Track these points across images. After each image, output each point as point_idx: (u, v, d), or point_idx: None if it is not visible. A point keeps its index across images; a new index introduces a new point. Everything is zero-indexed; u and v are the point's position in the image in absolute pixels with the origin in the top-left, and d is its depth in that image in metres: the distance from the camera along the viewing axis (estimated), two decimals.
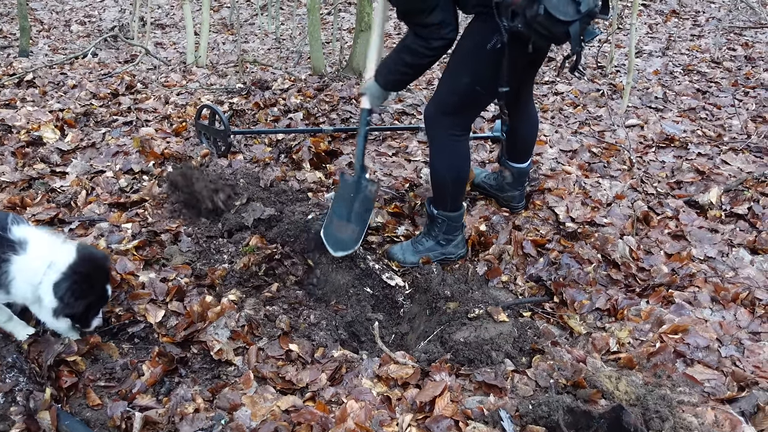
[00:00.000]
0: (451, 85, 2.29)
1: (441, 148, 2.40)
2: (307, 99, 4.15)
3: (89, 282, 1.81)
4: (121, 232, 2.57)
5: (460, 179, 2.47)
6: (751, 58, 5.35)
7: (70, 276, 1.76)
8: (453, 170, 2.43)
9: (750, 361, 1.93)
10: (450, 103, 2.30)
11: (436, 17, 2.10)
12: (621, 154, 3.46)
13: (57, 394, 1.78)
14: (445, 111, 2.32)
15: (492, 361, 2.03)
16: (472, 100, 2.32)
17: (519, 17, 1.96)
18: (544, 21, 1.92)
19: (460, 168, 2.44)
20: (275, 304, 2.29)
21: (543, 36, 1.98)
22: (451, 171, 2.43)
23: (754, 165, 3.30)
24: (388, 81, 2.39)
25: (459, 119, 2.35)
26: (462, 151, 2.42)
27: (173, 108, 4.02)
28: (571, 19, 1.91)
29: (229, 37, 7.32)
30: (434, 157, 2.45)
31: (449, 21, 2.15)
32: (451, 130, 2.35)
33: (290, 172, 3.25)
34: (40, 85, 4.44)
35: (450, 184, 2.46)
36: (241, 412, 1.75)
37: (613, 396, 1.73)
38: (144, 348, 2.04)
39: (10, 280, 1.75)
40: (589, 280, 2.43)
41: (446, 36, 2.17)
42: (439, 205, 2.52)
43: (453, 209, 2.52)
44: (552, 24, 1.92)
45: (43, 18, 8.12)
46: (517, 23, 1.96)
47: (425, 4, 2.08)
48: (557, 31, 1.94)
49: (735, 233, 2.68)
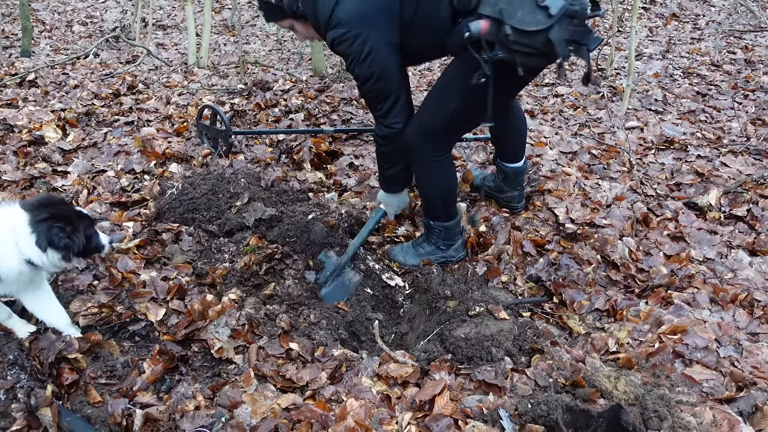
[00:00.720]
0: (434, 110, 2.25)
1: (425, 169, 2.39)
2: (308, 100, 4.16)
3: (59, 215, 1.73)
4: (123, 231, 2.58)
5: (448, 193, 2.47)
6: (751, 62, 5.36)
7: (39, 223, 1.68)
8: (439, 186, 2.43)
9: (748, 361, 1.94)
10: (431, 127, 2.25)
11: (386, 104, 2.19)
12: (621, 155, 3.48)
13: (58, 391, 1.79)
14: (426, 134, 2.26)
15: (492, 357, 2.04)
16: (453, 126, 2.30)
17: (497, 45, 1.90)
18: (518, 39, 1.85)
19: (446, 183, 2.44)
20: (275, 303, 2.30)
21: (528, 54, 1.90)
22: (438, 187, 2.43)
23: (754, 167, 3.31)
24: (383, 182, 2.53)
25: (440, 143, 2.31)
26: (445, 169, 2.40)
27: (175, 108, 4.03)
28: (545, 26, 1.83)
29: (231, 38, 7.34)
30: (419, 176, 2.44)
31: (397, 113, 2.20)
32: (433, 152, 2.32)
33: (291, 173, 3.26)
34: (42, 85, 4.46)
35: (440, 199, 2.47)
36: (241, 410, 1.76)
37: (611, 395, 1.73)
38: (145, 346, 2.04)
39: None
40: (588, 280, 2.44)
41: (391, 125, 2.22)
42: (434, 217, 2.53)
43: (447, 219, 2.53)
44: (527, 38, 1.85)
45: (45, 18, 8.14)
46: (497, 51, 1.91)
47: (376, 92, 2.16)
48: (537, 43, 1.86)
49: (734, 235, 2.68)
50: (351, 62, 2.10)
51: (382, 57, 2.08)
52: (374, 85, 2.13)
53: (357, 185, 3.15)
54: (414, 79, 5.19)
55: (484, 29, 1.89)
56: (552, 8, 1.82)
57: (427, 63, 5.83)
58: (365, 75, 2.11)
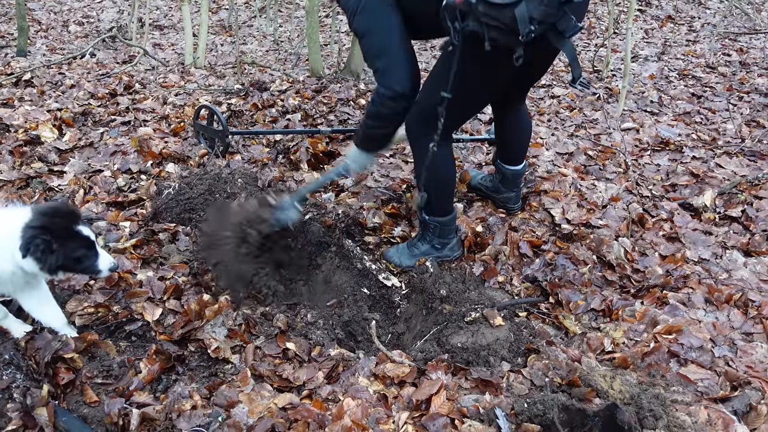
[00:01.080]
0: (428, 94, 2.27)
1: (422, 156, 2.37)
2: (305, 100, 4.16)
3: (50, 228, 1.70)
4: (119, 231, 2.57)
5: (445, 185, 2.47)
6: (746, 64, 5.40)
7: (29, 229, 1.67)
8: (435, 176, 2.42)
9: (743, 361, 1.95)
10: (426, 111, 2.26)
11: (381, 63, 2.17)
12: (616, 157, 3.49)
13: (54, 391, 1.79)
14: (423, 118, 2.29)
15: (490, 365, 2.05)
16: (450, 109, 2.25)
17: (470, 16, 1.88)
18: (487, 11, 1.82)
19: (444, 174, 2.44)
20: (272, 303, 2.29)
21: (496, 28, 1.85)
22: (434, 177, 2.42)
23: (748, 168, 3.33)
24: (362, 139, 2.42)
25: (437, 125, 2.27)
26: (442, 159, 2.39)
27: (171, 108, 4.03)
28: (511, 0, 1.77)
29: (228, 38, 7.33)
30: (417, 164, 2.44)
31: (396, 74, 2.17)
32: (429, 138, 2.29)
33: (288, 173, 3.26)
34: (38, 84, 4.44)
35: (434, 190, 2.46)
36: (238, 409, 1.76)
37: (607, 395, 1.74)
38: (141, 346, 2.04)
39: None
40: (584, 281, 2.45)
41: (391, 87, 2.17)
42: (429, 211, 2.53)
43: (443, 214, 2.53)
44: (496, 11, 1.80)
45: (41, 18, 8.12)
46: (468, 22, 1.89)
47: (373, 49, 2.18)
48: (506, 18, 1.80)
49: (729, 236, 2.70)
50: (349, 16, 2.21)
51: (376, 12, 2.17)
52: (370, 39, 2.19)
53: (354, 185, 3.16)
54: None
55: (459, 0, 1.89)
56: None
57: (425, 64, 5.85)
58: (360, 29, 2.20)
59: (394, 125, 2.34)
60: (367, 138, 2.42)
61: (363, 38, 2.21)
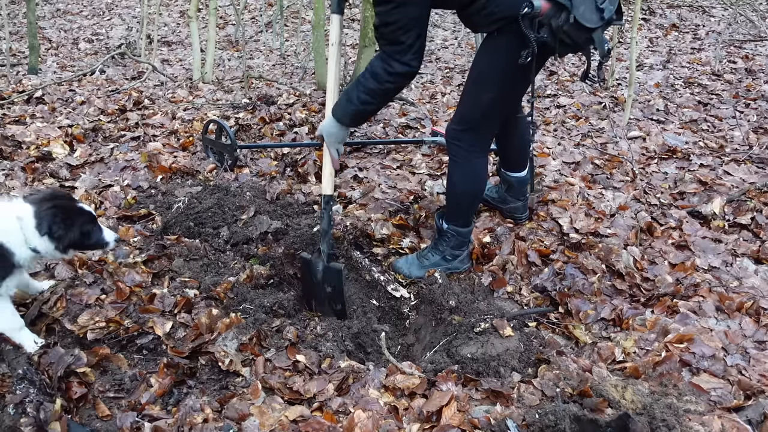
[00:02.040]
0: (474, 101, 2.30)
1: (461, 165, 2.42)
2: (312, 113, 4.20)
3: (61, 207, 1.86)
4: (130, 246, 2.60)
5: (475, 196, 2.53)
6: (752, 71, 5.39)
7: (41, 212, 1.82)
8: (470, 186, 2.47)
9: (756, 369, 1.93)
10: (473, 118, 2.32)
11: (408, 38, 2.05)
12: (624, 165, 3.49)
13: (67, 405, 1.80)
14: (467, 127, 2.34)
15: (500, 375, 2.04)
16: (493, 115, 2.35)
17: (545, 27, 2.01)
18: (570, 30, 1.98)
19: (477, 185, 2.49)
20: (282, 315, 2.30)
21: (566, 45, 2.04)
22: (468, 187, 2.47)
23: (757, 175, 3.32)
24: (346, 113, 2.24)
25: (479, 135, 2.37)
26: (480, 169, 2.45)
27: (180, 123, 4.08)
28: (596, 26, 1.99)
29: (235, 53, 7.42)
30: (453, 172, 2.47)
31: (417, 49, 2.10)
32: (472, 147, 2.37)
33: (296, 186, 3.29)
34: (49, 101, 4.51)
35: (466, 201, 2.51)
36: (249, 422, 1.76)
37: (619, 405, 1.73)
38: (152, 359, 2.05)
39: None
40: (593, 290, 2.44)
41: (409, 63, 2.09)
42: (452, 220, 2.56)
43: (464, 225, 2.56)
44: (577, 32, 1.99)
45: (52, 36, 8.25)
46: (543, 33, 2.01)
47: (405, 21, 2.04)
48: (580, 39, 2.02)
49: (738, 243, 2.69)
50: None
51: None
52: (403, 10, 2.02)
53: (361, 197, 3.17)
54: (417, 91, 5.23)
55: (545, 8, 1.97)
56: (606, 13, 2.00)
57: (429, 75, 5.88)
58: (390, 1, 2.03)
59: (386, 103, 2.37)
60: (357, 113, 2.26)
61: (398, 7, 2.02)
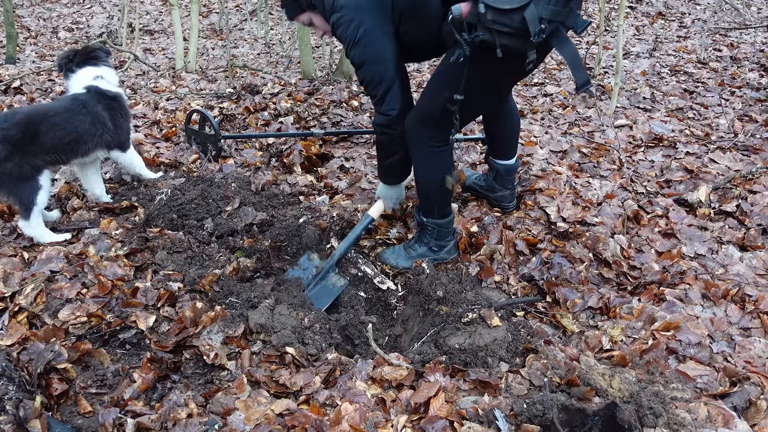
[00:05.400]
0: (431, 97, 2.30)
1: (423, 159, 2.42)
2: (298, 103, 4.14)
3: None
4: (111, 239, 2.54)
5: (444, 187, 2.48)
6: (737, 59, 5.41)
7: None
8: (435, 178, 2.44)
9: (741, 356, 1.95)
10: (429, 113, 2.30)
11: (378, 91, 2.26)
12: (610, 154, 3.49)
13: (47, 402, 1.76)
14: (423, 121, 2.31)
15: (488, 366, 2.03)
16: (452, 114, 2.29)
17: (479, 27, 1.91)
18: (495, 18, 1.85)
19: (444, 177, 2.44)
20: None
21: (507, 34, 1.87)
22: (434, 178, 2.44)
23: (742, 163, 3.34)
24: (380, 172, 2.61)
25: (437, 131, 2.33)
26: (444, 161, 2.42)
27: (163, 113, 4.00)
28: (520, 4, 1.81)
29: (219, 42, 7.30)
30: (417, 167, 2.46)
31: (390, 100, 2.26)
32: (431, 142, 2.35)
33: (281, 176, 3.24)
34: (28, 91, 4.41)
35: (434, 193, 2.48)
36: (234, 417, 1.73)
37: (606, 393, 1.73)
38: (136, 354, 2.02)
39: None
40: (581, 279, 2.44)
41: (386, 113, 2.29)
42: (427, 213, 2.53)
43: (441, 216, 2.53)
44: (505, 17, 1.83)
45: (30, 25, 8.07)
46: (478, 33, 1.92)
47: (370, 77, 2.25)
48: (515, 22, 1.83)
49: (724, 231, 2.70)
50: (347, 46, 2.25)
51: (374, 42, 2.20)
52: (368, 68, 2.24)
53: (348, 188, 3.14)
54: None
55: (465, 12, 1.92)
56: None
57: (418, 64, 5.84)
58: (359, 59, 2.23)
59: (402, 148, 2.41)
60: (384, 170, 2.56)
61: (361, 68, 2.26)
